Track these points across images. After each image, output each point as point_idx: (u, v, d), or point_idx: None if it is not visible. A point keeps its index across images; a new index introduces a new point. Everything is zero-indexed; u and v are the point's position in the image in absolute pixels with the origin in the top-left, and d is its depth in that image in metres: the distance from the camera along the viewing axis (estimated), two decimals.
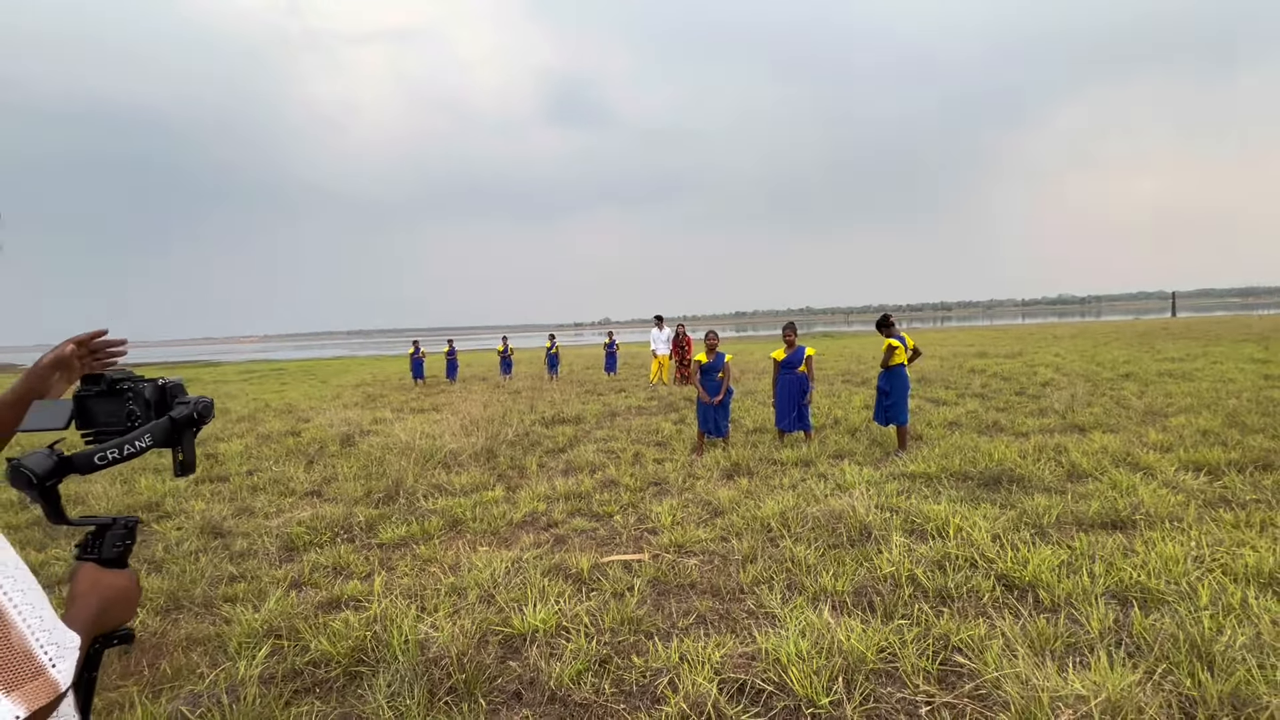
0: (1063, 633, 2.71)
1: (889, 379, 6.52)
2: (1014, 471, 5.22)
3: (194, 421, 1.04)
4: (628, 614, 3.13)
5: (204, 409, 1.06)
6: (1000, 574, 3.33)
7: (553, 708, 2.50)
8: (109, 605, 0.88)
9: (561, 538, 4.46)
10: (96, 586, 0.89)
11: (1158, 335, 22.80)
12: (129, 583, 0.93)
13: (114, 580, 0.91)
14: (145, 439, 0.96)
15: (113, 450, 0.92)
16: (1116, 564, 3.32)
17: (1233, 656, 2.42)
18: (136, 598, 0.94)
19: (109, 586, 0.90)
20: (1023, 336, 26.69)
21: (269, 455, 7.66)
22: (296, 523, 4.89)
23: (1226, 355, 13.82)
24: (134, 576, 0.95)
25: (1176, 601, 2.90)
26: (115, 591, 0.90)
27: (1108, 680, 2.19)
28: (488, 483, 5.95)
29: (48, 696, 0.67)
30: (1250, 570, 3.14)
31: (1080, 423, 7.20)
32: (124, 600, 0.91)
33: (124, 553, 0.95)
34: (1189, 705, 2.22)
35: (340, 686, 2.70)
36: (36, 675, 0.67)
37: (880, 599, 3.15)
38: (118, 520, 0.95)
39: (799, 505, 4.55)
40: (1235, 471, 4.94)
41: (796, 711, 2.38)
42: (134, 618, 0.94)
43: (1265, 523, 3.81)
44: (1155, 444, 5.95)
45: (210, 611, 3.49)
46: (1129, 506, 4.16)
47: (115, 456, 0.92)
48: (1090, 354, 15.95)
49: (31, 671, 0.67)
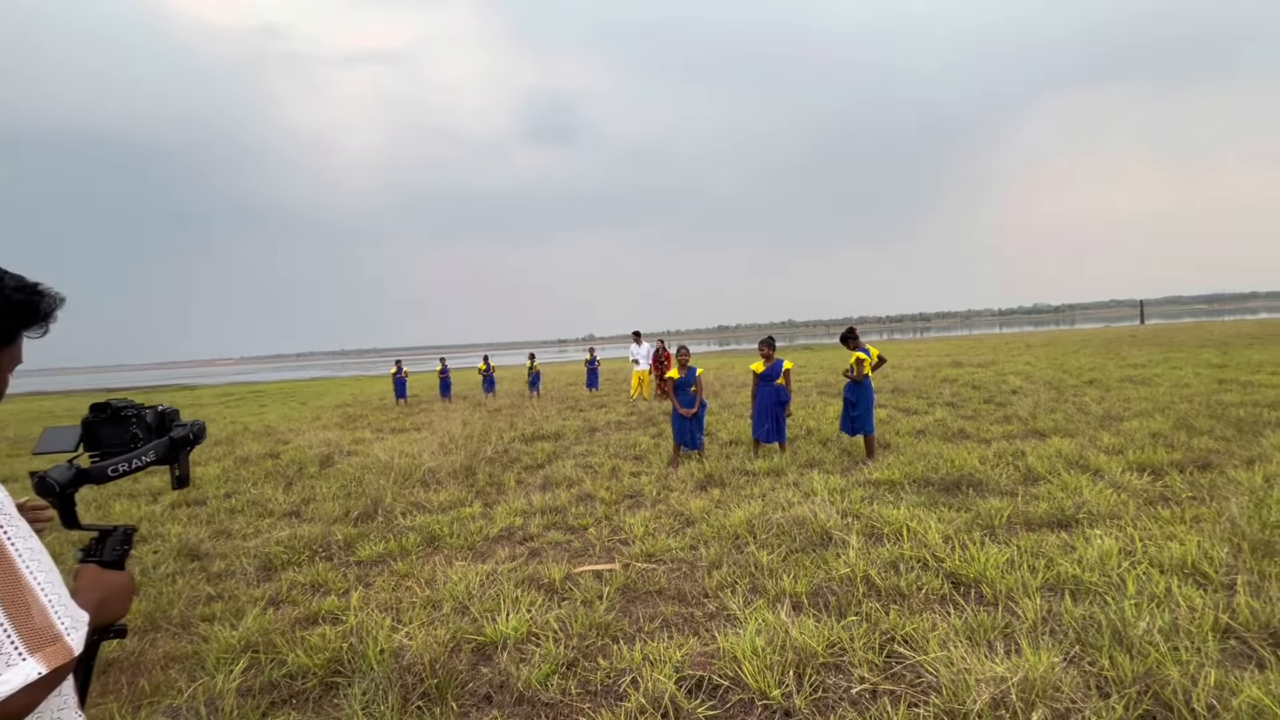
0: (999, 623, 2.90)
1: (855, 390, 6.75)
2: (973, 476, 5.46)
3: (190, 441, 1.22)
4: (596, 620, 3.27)
5: (198, 430, 1.25)
6: (949, 572, 3.52)
7: (521, 708, 2.63)
8: (107, 600, 1.02)
9: (536, 550, 4.59)
10: (97, 583, 1.03)
11: (1125, 342, 23.52)
12: (125, 582, 1.08)
13: (113, 579, 1.05)
14: (149, 455, 1.14)
15: (123, 464, 1.10)
16: (1056, 560, 3.53)
17: (1149, 640, 2.63)
18: (130, 596, 1.08)
19: (108, 584, 1.04)
20: (997, 346, 27.34)
21: (247, 478, 7.68)
22: (275, 543, 4.96)
23: (1186, 361, 14.35)
24: (130, 578, 1.10)
25: (1106, 592, 3.11)
26: (113, 588, 1.04)
27: (1029, 662, 2.39)
28: (466, 499, 6.05)
29: (64, 659, 0.82)
30: (1175, 561, 3.37)
31: (1041, 428, 7.49)
32: (120, 596, 1.05)
33: (122, 556, 1.10)
34: (1105, 684, 2.42)
35: (317, 696, 2.80)
36: (55, 641, 0.82)
37: (835, 598, 3.32)
38: (118, 528, 1.11)
39: (765, 513, 4.73)
40: (1177, 471, 5.22)
41: (750, 704, 2.53)
42: (127, 613, 1.09)
43: (1196, 518, 4.07)
44: (1107, 447, 6.24)
45: (188, 631, 3.56)
46: (1074, 506, 4.40)
47: (125, 469, 1.10)
48: (1059, 362, 16.44)
49: (51, 637, 0.82)
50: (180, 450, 1.20)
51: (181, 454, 1.20)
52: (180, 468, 1.21)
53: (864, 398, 6.69)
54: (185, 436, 1.21)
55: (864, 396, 6.69)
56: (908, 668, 2.64)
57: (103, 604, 1.01)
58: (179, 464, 1.20)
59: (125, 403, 1.18)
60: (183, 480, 1.22)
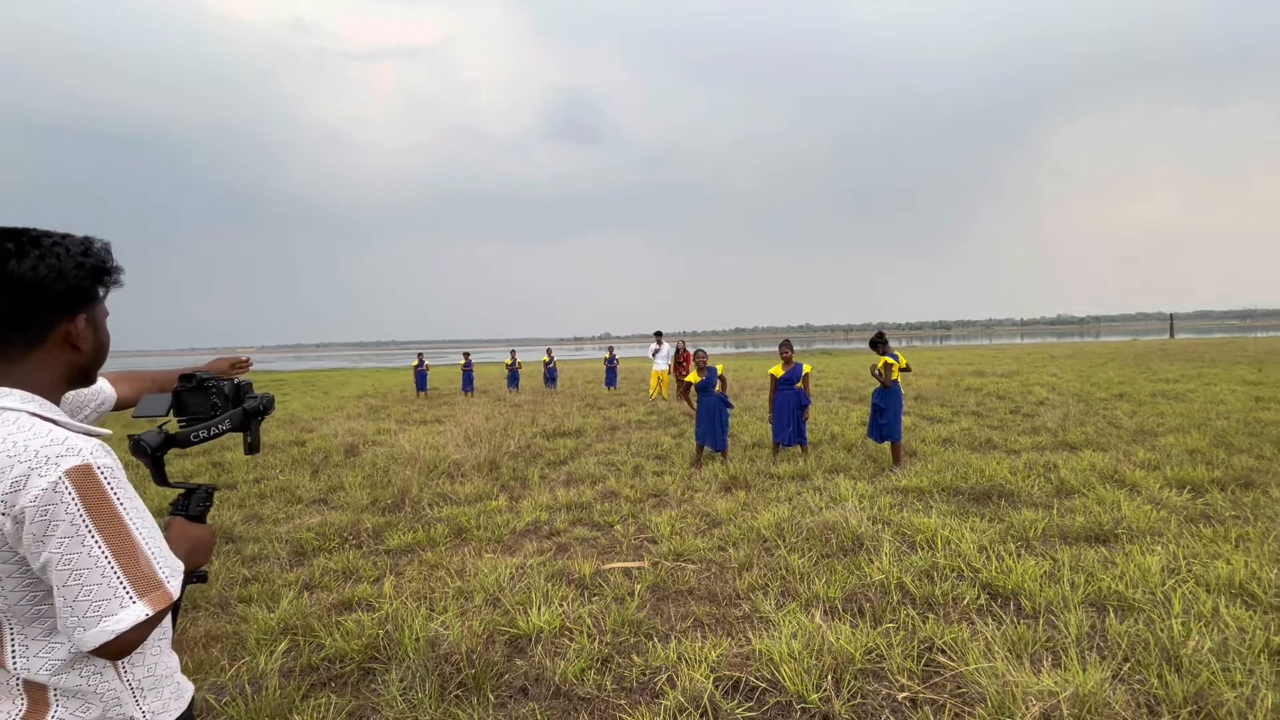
0: (1041, 637, 2.85)
1: (884, 396, 6.68)
2: (1004, 487, 5.38)
3: (260, 412, 1.33)
4: (628, 617, 3.27)
5: (269, 402, 1.35)
6: (985, 583, 3.47)
7: (557, 702, 2.64)
8: (194, 550, 1.13)
9: (564, 546, 4.61)
10: (185, 535, 1.13)
11: (1154, 356, 23.01)
12: (208, 534, 1.18)
13: (198, 532, 1.16)
14: (225, 423, 1.24)
15: (203, 430, 1.20)
16: (1096, 574, 3.47)
17: (1199, 659, 2.57)
18: (211, 546, 1.19)
19: (194, 536, 1.14)
20: (1020, 356, 26.90)
21: (275, 464, 7.81)
22: (305, 529, 5.04)
23: (1220, 377, 14.00)
24: (212, 530, 1.20)
25: (1151, 609, 3.05)
26: (198, 540, 1.15)
27: (1078, 678, 2.34)
28: (491, 492, 6.09)
29: (165, 603, 0.95)
30: (1223, 581, 3.29)
31: (1072, 441, 7.36)
32: (204, 547, 1.16)
33: (204, 511, 1.19)
34: (1154, 703, 2.37)
35: (355, 681, 2.84)
36: (159, 587, 0.95)
37: (870, 605, 3.29)
38: (201, 486, 1.20)
39: (794, 517, 4.70)
40: (1218, 489, 5.10)
41: (788, 707, 2.52)
42: (209, 562, 1.22)
43: (1240, 537, 3.97)
44: (1143, 462, 6.11)
45: (226, 611, 3.63)
46: (1112, 521, 4.31)
47: (205, 435, 1.20)
48: (1086, 374, 16.14)
49: (156, 584, 0.95)
50: (252, 420, 1.30)
51: (253, 423, 1.31)
52: (252, 435, 1.31)
53: (892, 404, 6.62)
54: (257, 407, 1.31)
55: (892, 403, 6.62)
56: (948, 678, 2.61)
57: (190, 554, 1.12)
58: (250, 432, 1.31)
59: (209, 375, 1.29)
60: (253, 447, 1.32)
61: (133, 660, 1.02)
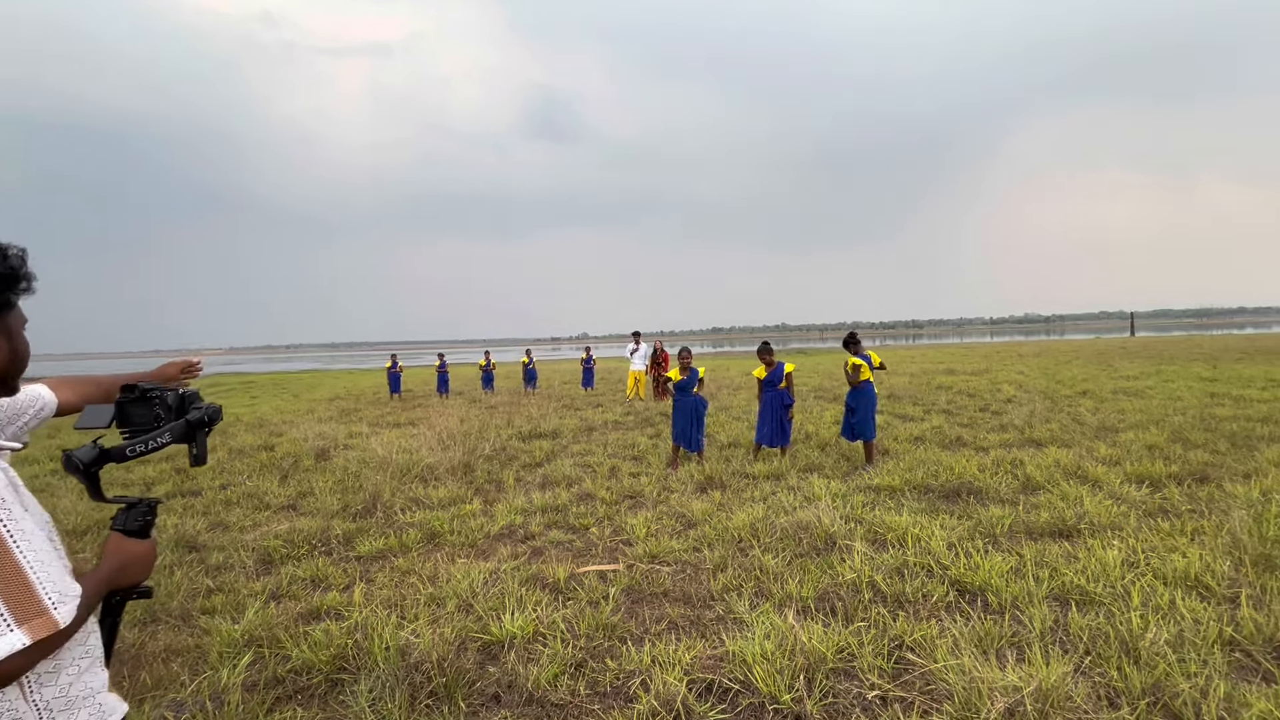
0: (1006, 632, 2.92)
1: (856, 396, 6.76)
2: (973, 484, 5.49)
3: (205, 423, 1.27)
4: (603, 620, 3.26)
5: (214, 413, 1.30)
6: (954, 579, 3.54)
7: (530, 709, 2.61)
8: (126, 565, 1.11)
9: (538, 549, 4.57)
10: (119, 551, 1.11)
11: (1116, 354, 23.73)
12: (146, 550, 1.15)
13: (133, 547, 1.13)
14: (165, 436, 1.19)
15: (140, 445, 1.15)
16: (1060, 569, 3.55)
17: (1156, 651, 2.65)
18: (150, 562, 1.16)
19: (128, 552, 1.12)
20: (990, 354, 27.51)
21: (242, 470, 7.62)
22: (273, 536, 4.91)
23: (1178, 374, 14.49)
24: (152, 545, 1.16)
25: (1111, 602, 3.13)
26: (132, 555, 1.12)
27: (1041, 673, 2.40)
28: (465, 496, 6.02)
29: (49, 630, 0.92)
30: (1179, 574, 3.39)
31: (1038, 438, 7.55)
32: (139, 562, 1.14)
33: (144, 526, 1.16)
34: (1114, 695, 2.43)
35: (323, 693, 2.78)
36: (40, 615, 0.91)
37: (842, 604, 3.33)
38: (142, 500, 1.16)
39: (768, 517, 4.73)
40: (1175, 484, 5.27)
41: (760, 708, 2.53)
42: (148, 578, 1.17)
43: (1196, 531, 4.10)
44: (1104, 458, 6.28)
45: (188, 624, 3.52)
46: (1075, 516, 4.43)
47: (142, 450, 1.15)
48: (1052, 372, 16.56)
49: (37, 610, 0.91)
50: (197, 431, 1.25)
51: (199, 435, 1.26)
52: (198, 447, 1.27)
53: (863, 404, 6.71)
54: (201, 419, 1.26)
55: (863, 402, 6.71)
56: (918, 675, 2.64)
57: (121, 569, 1.10)
58: (196, 444, 1.26)
59: (152, 385, 1.23)
60: (200, 459, 1.27)
61: (41, 680, 0.99)
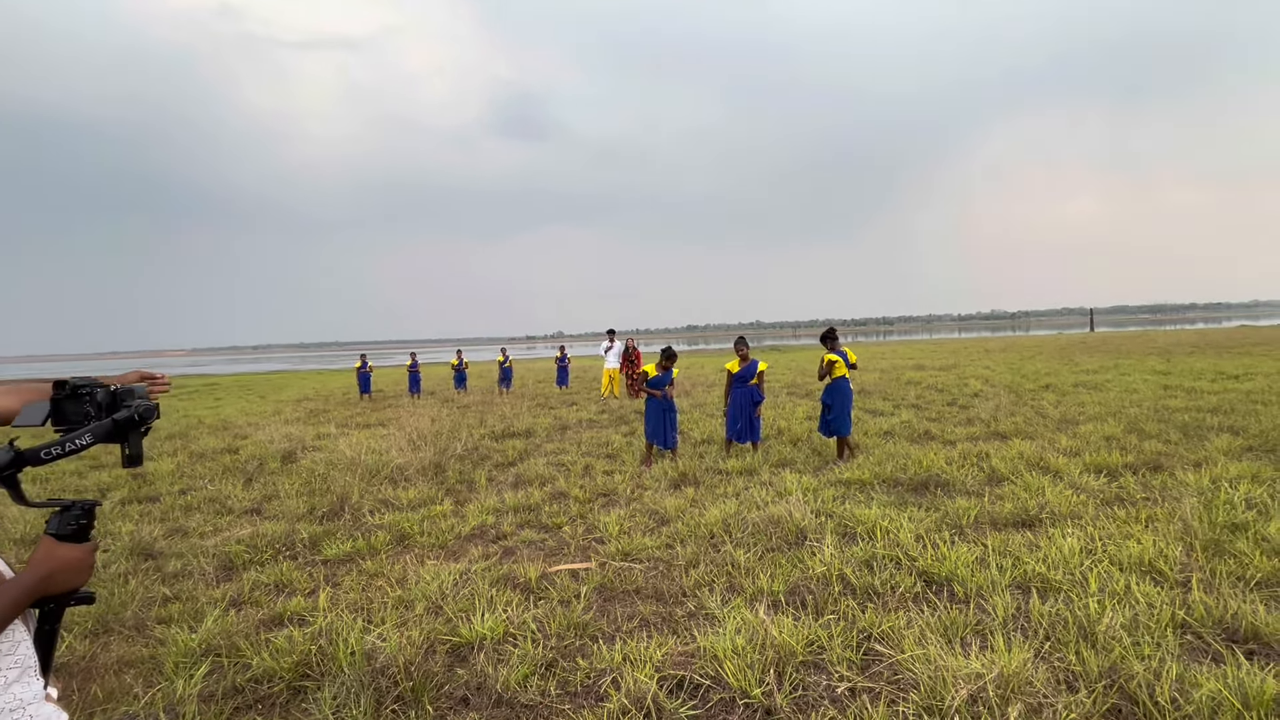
0: (971, 620, 2.97)
1: (831, 393, 6.81)
2: (940, 477, 5.59)
3: (135, 423, 1.16)
4: (574, 619, 3.23)
5: (145, 411, 1.18)
6: (921, 570, 3.60)
7: (499, 710, 2.58)
8: (55, 572, 1.04)
9: (510, 549, 4.52)
10: (48, 557, 1.04)
11: (1077, 349, 24.48)
12: (80, 554, 1.07)
13: (65, 552, 1.06)
14: (86, 437, 1.09)
15: (56, 447, 1.05)
16: (1022, 558, 3.64)
17: (1113, 636, 2.73)
18: (86, 567, 1.08)
19: (58, 558, 1.05)
20: (958, 350, 28.14)
21: (203, 474, 7.39)
22: (235, 541, 4.77)
23: (1134, 368, 15.01)
24: (88, 549, 1.09)
25: (1070, 589, 3.22)
26: (62, 562, 1.05)
27: (1003, 659, 2.45)
28: (436, 497, 5.93)
29: None
30: (1134, 560, 3.51)
31: (1003, 430, 7.73)
32: (74, 568, 1.06)
33: (79, 530, 1.08)
34: (1073, 679, 2.50)
35: (284, 701, 2.70)
36: None
37: (812, 597, 3.36)
38: (76, 503, 1.08)
39: (740, 512, 4.76)
40: (1130, 473, 5.45)
41: (731, 703, 2.54)
42: (85, 583, 1.09)
43: (1150, 518, 4.24)
44: (1065, 449, 6.47)
45: (142, 634, 3.39)
46: (1037, 506, 4.55)
47: (58, 452, 1.06)
48: (1017, 366, 17.01)
49: None
50: (130, 431, 1.15)
51: (131, 434, 1.16)
52: (131, 448, 1.17)
53: (838, 400, 6.76)
54: (130, 417, 1.15)
55: (838, 399, 6.76)
56: (886, 665, 2.68)
57: (50, 577, 1.03)
58: (129, 444, 1.16)
59: (84, 381, 1.14)
60: (134, 459, 1.17)
61: None
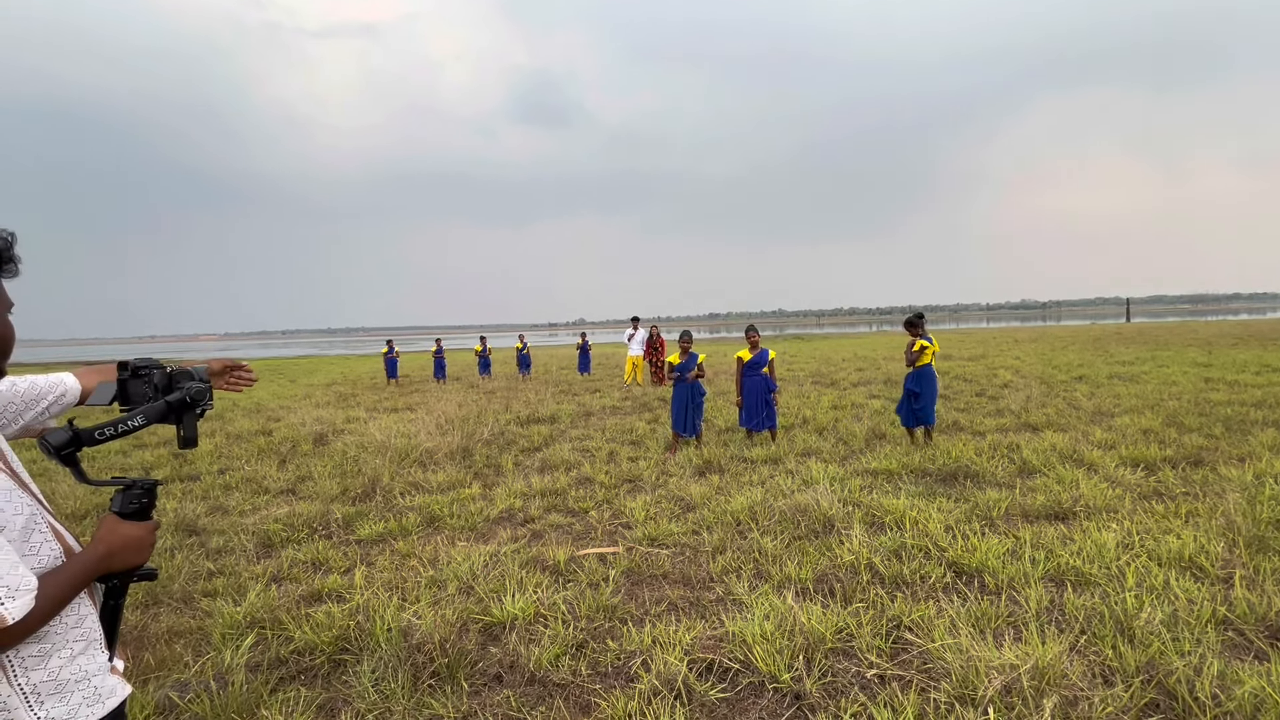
0: (1003, 612, 2.95)
1: (919, 379, 6.59)
2: (970, 468, 5.52)
3: (188, 405, 1.19)
4: (603, 602, 3.28)
5: (196, 393, 1.21)
6: (950, 561, 3.57)
7: (532, 689, 2.64)
8: (116, 550, 1.07)
9: (538, 533, 4.59)
10: (110, 534, 1.08)
11: (1111, 340, 23.81)
12: (141, 532, 1.10)
13: (127, 530, 1.09)
14: (139, 418, 1.13)
15: (110, 427, 1.09)
16: (1056, 551, 3.59)
17: (1151, 630, 2.68)
18: (147, 545, 1.11)
19: (119, 535, 1.08)
20: (986, 340, 27.58)
21: (240, 455, 7.62)
22: (273, 520, 4.92)
23: (1172, 359, 14.56)
24: (149, 528, 1.12)
25: (1106, 583, 3.17)
26: (124, 539, 1.08)
27: (1037, 651, 2.43)
28: (464, 480, 6.03)
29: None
30: (1173, 555, 3.43)
31: (1034, 422, 7.58)
32: (134, 545, 1.09)
33: (141, 509, 1.11)
34: (1109, 673, 2.47)
35: (325, 673, 2.80)
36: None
37: (840, 585, 3.36)
38: (138, 482, 1.12)
39: (766, 500, 4.76)
40: (1169, 467, 5.31)
41: (760, 687, 2.56)
42: (147, 560, 1.13)
43: (1190, 513, 4.14)
44: (1100, 442, 6.32)
45: (190, 606, 3.53)
46: (1071, 499, 4.47)
47: (112, 433, 1.09)
48: (1048, 357, 16.63)
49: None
50: (184, 413, 1.18)
51: (186, 416, 1.18)
52: (185, 429, 1.19)
53: (927, 387, 6.58)
54: (182, 399, 1.18)
55: (926, 386, 6.58)
56: (916, 654, 2.68)
57: (112, 553, 1.06)
58: (184, 425, 1.19)
59: (144, 361, 1.19)
60: (189, 441, 1.20)
61: (26, 664, 0.98)
